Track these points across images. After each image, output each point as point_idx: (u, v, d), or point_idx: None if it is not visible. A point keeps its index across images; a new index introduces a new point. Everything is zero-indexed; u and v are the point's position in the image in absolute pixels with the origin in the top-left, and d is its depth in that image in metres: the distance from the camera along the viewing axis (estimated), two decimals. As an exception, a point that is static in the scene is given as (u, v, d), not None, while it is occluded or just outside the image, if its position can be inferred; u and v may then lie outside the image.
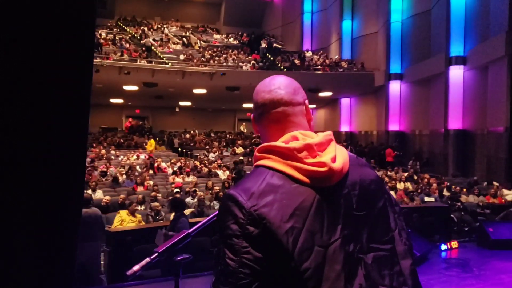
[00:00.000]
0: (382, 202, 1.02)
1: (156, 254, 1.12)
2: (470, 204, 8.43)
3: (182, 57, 18.04)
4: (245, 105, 22.07)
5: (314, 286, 0.86)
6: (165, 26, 23.93)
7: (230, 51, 20.29)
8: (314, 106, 23.28)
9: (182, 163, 12.80)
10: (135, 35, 20.64)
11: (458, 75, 13.99)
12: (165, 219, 6.68)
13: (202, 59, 18.09)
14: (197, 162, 13.36)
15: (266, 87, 1.05)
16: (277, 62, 19.28)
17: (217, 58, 18.50)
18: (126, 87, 16.69)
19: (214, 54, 19.10)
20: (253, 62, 18.69)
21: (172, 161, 13.27)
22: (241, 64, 18.49)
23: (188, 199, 8.25)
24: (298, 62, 19.34)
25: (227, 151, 16.15)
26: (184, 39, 21.64)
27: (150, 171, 11.81)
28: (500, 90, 11.89)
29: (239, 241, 0.86)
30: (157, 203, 7.17)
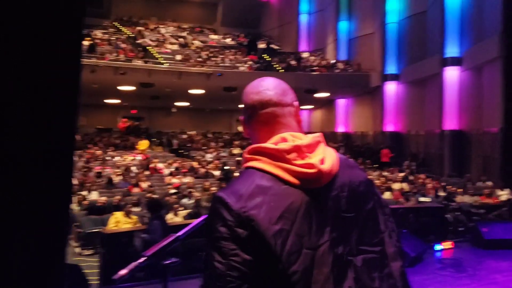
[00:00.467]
0: (372, 204, 1.02)
1: (144, 258, 1.11)
2: (465, 204, 8.46)
3: (179, 57, 18.00)
4: (242, 105, 22.00)
5: None
6: (161, 27, 23.86)
7: (227, 52, 20.28)
8: (311, 107, 23.30)
9: (179, 164, 12.77)
10: (132, 35, 20.56)
11: (453, 76, 14.03)
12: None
13: (199, 60, 18.05)
14: (194, 163, 13.33)
15: (255, 89, 1.05)
16: (273, 64, 19.28)
17: (214, 59, 18.47)
18: (123, 88, 16.61)
19: (211, 55, 19.08)
20: (250, 62, 18.68)
21: (168, 162, 13.24)
22: (238, 64, 18.47)
23: (184, 200, 8.23)
24: (294, 63, 19.35)
25: (224, 152, 16.13)
26: (181, 39, 21.59)
27: (146, 172, 11.76)
28: (494, 91, 11.96)
29: (228, 243, 0.85)
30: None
